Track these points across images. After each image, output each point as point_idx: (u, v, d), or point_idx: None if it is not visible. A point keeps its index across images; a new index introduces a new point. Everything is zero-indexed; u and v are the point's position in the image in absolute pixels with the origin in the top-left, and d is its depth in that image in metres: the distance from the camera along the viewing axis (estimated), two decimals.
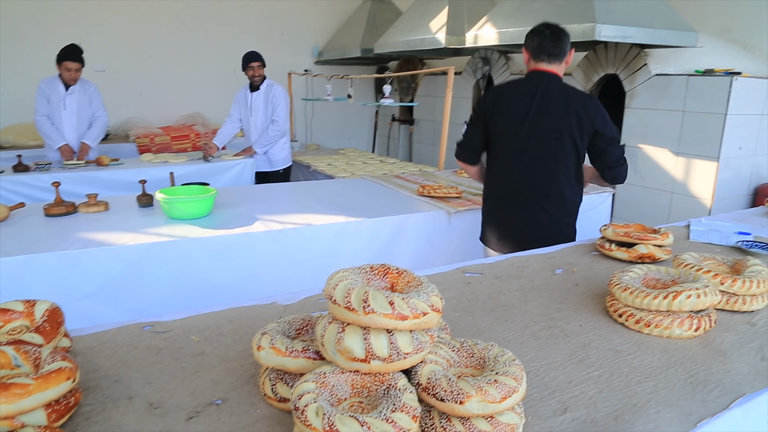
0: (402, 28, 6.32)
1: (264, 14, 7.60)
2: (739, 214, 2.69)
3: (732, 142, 4.34)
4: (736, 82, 4.17)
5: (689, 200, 4.56)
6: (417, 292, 0.90)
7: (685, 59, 4.76)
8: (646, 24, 4.21)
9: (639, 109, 4.84)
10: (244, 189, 3.67)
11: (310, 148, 6.63)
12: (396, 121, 8.29)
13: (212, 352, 1.19)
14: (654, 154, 4.77)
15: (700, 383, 1.10)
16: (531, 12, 4.58)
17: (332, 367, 0.89)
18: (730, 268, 1.62)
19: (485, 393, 0.83)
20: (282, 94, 4.80)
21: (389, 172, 4.54)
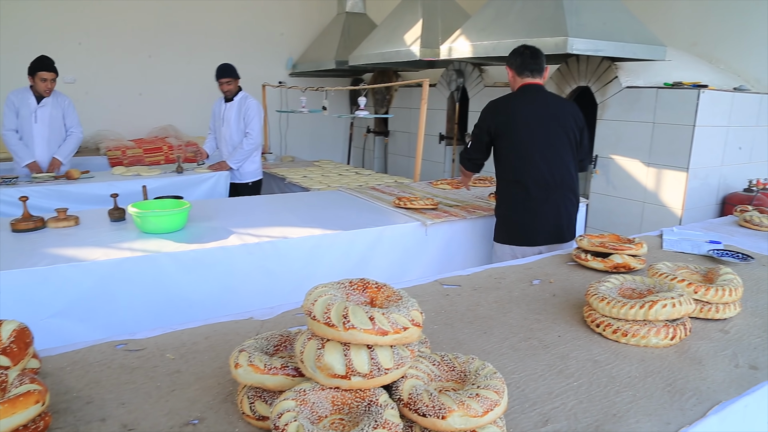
0: (376, 40, 6.35)
1: (238, 26, 7.57)
2: (709, 224, 2.74)
3: (700, 152, 4.44)
4: (703, 94, 4.27)
5: (660, 210, 4.64)
6: (397, 307, 0.90)
7: (654, 72, 4.86)
8: (617, 38, 4.29)
9: (610, 120, 4.92)
10: (218, 202, 3.63)
11: (285, 160, 6.59)
12: (371, 133, 8.30)
13: (188, 370, 1.17)
14: (626, 165, 4.85)
15: (678, 391, 1.11)
16: (504, 25, 4.64)
17: (312, 384, 0.88)
18: (703, 277, 1.64)
19: (467, 407, 0.83)
20: (255, 107, 4.77)
21: (365, 184, 4.54)
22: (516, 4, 4.66)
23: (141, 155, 6.11)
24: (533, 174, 2.77)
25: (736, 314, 1.51)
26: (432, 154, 6.92)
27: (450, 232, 3.08)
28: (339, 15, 7.75)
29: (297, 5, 8.05)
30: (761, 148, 5.11)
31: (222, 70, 4.74)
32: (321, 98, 5.59)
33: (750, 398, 1.12)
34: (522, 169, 2.79)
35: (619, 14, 4.57)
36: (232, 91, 4.77)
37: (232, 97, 4.79)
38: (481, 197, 3.73)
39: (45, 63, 4.36)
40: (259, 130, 4.76)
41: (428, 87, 4.55)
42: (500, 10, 4.80)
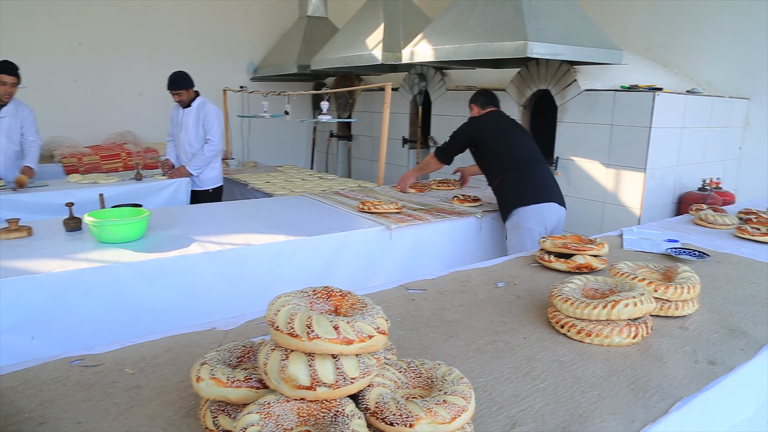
0: (338, 44, 6.33)
1: (197, 30, 7.46)
2: (666, 222, 2.81)
3: (657, 153, 4.55)
4: (658, 97, 4.39)
5: (620, 210, 4.73)
6: (362, 315, 0.88)
7: (611, 75, 4.97)
8: (575, 42, 4.37)
9: (570, 123, 5.01)
10: (179, 210, 3.56)
11: (248, 166, 6.51)
12: (334, 137, 8.27)
13: (148, 384, 1.13)
14: (586, 166, 4.94)
15: (641, 389, 1.13)
16: (465, 29, 4.68)
17: (277, 396, 0.86)
18: (662, 276, 1.67)
19: (435, 414, 0.82)
20: (214, 113, 4.67)
21: (328, 189, 4.51)
22: (476, 9, 4.70)
23: (98, 162, 5.95)
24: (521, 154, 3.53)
25: (695, 311, 1.54)
26: (395, 158, 6.94)
27: (415, 236, 3.08)
28: (300, 19, 7.71)
29: (258, 9, 7.98)
30: (714, 149, 5.27)
31: (171, 81, 4.61)
32: (283, 103, 5.55)
33: (709, 393, 1.14)
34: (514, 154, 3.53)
35: (577, 19, 4.66)
36: (185, 101, 4.66)
37: (188, 103, 4.71)
38: (445, 200, 3.75)
39: (6, 67, 4.22)
40: (219, 136, 4.68)
41: (391, 91, 4.55)
42: (461, 15, 4.84)
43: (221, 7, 7.61)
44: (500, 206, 3.52)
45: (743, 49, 5.42)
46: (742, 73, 5.46)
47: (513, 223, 3.37)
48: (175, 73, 4.65)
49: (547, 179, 3.56)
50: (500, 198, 3.52)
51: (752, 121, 5.48)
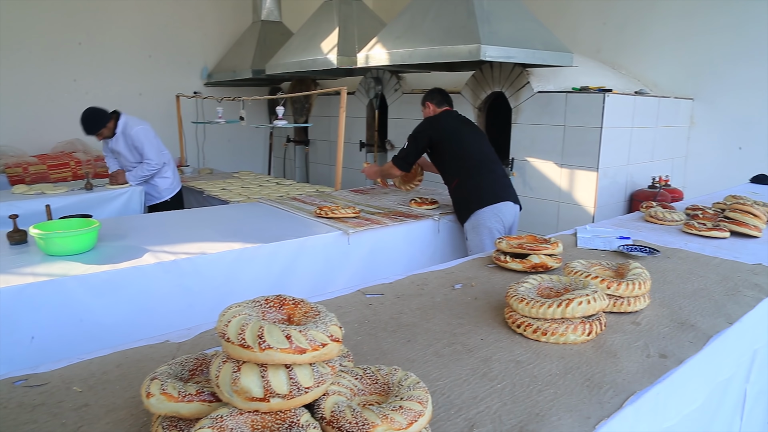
0: (293, 48, 6.29)
1: (149, 34, 7.29)
2: (618, 220, 2.87)
3: (608, 153, 4.66)
4: (608, 98, 4.50)
5: (575, 208, 4.83)
6: (315, 323, 0.87)
7: (563, 77, 5.08)
8: (527, 45, 4.45)
9: (524, 124, 5.09)
10: (131, 219, 3.46)
11: (203, 173, 6.40)
12: (291, 142, 8.21)
13: (97, 402, 1.09)
14: (540, 167, 5.03)
15: (596, 385, 1.15)
16: (419, 33, 4.71)
17: (230, 410, 0.83)
18: (614, 272, 1.71)
19: (391, 420, 0.81)
20: (141, 134, 4.44)
21: (286, 195, 4.47)
22: (430, 13, 4.74)
23: (45, 172, 5.76)
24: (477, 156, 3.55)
25: (646, 306, 1.57)
26: (353, 162, 6.93)
27: (373, 240, 3.07)
28: (254, 23, 7.64)
29: (210, 13, 7.86)
30: (662, 148, 5.43)
31: (85, 127, 4.35)
32: (238, 108, 5.48)
33: (661, 386, 1.17)
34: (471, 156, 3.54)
35: (529, 23, 4.74)
36: (109, 135, 4.46)
37: (112, 134, 4.49)
38: (403, 203, 3.75)
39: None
40: (155, 154, 4.52)
41: (346, 95, 4.54)
42: (415, 19, 4.87)
43: (173, 11, 7.47)
44: (457, 208, 3.53)
45: (687, 52, 5.61)
46: (686, 74, 5.66)
47: (472, 224, 3.41)
48: (84, 116, 4.37)
49: (502, 179, 3.61)
50: (458, 200, 3.54)
51: (697, 120, 5.68)
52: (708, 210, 2.85)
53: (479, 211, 3.38)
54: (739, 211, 2.56)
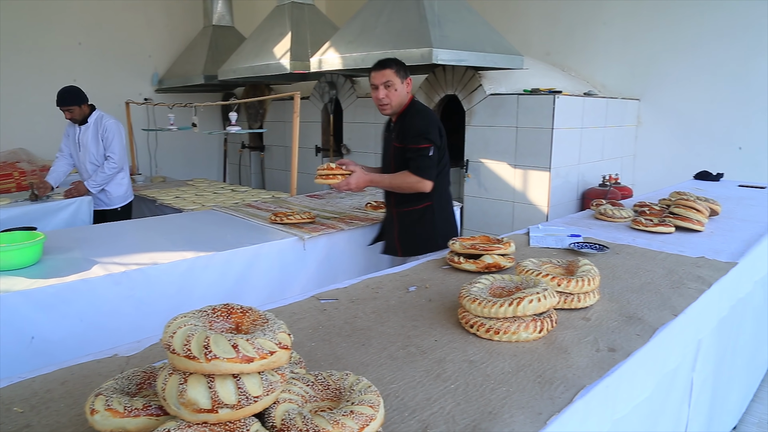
0: (246, 53, 6.22)
1: (97, 40, 7.10)
2: (570, 218, 2.93)
3: (560, 153, 4.77)
4: (558, 99, 4.60)
5: (529, 208, 4.92)
6: (263, 331, 0.86)
7: (514, 80, 5.17)
8: (479, 48, 4.51)
9: (478, 126, 5.16)
10: (79, 231, 3.35)
11: (156, 181, 6.26)
12: (246, 148, 8.12)
13: (40, 422, 1.05)
14: (495, 168, 5.10)
15: (547, 382, 1.17)
16: (372, 37, 4.73)
17: (178, 422, 0.82)
18: (565, 270, 1.74)
19: (342, 426, 0.81)
20: (114, 127, 4.41)
21: (241, 201, 4.41)
22: (382, 17, 4.76)
23: None
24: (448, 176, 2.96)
25: (596, 302, 1.61)
26: (309, 167, 6.89)
27: (329, 245, 3.06)
28: (206, 28, 7.52)
29: (160, 18, 7.71)
30: (611, 147, 5.59)
31: (60, 97, 4.29)
32: (190, 115, 5.38)
33: (610, 379, 1.20)
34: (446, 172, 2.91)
35: (479, 27, 4.81)
36: (78, 118, 4.37)
37: (84, 120, 4.44)
38: (359, 208, 3.75)
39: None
40: (120, 152, 4.43)
41: (300, 100, 4.52)
42: (367, 23, 4.89)
43: (121, 16, 7.29)
44: (407, 237, 2.86)
45: (632, 54, 5.79)
46: (632, 76, 5.83)
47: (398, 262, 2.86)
48: (65, 88, 4.34)
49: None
50: (417, 230, 2.83)
51: (643, 120, 5.86)
52: (654, 206, 2.94)
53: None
54: (684, 207, 2.65)
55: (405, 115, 2.79)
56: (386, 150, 2.95)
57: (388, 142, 2.91)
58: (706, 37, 5.28)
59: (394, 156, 2.81)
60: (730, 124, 5.24)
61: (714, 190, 3.70)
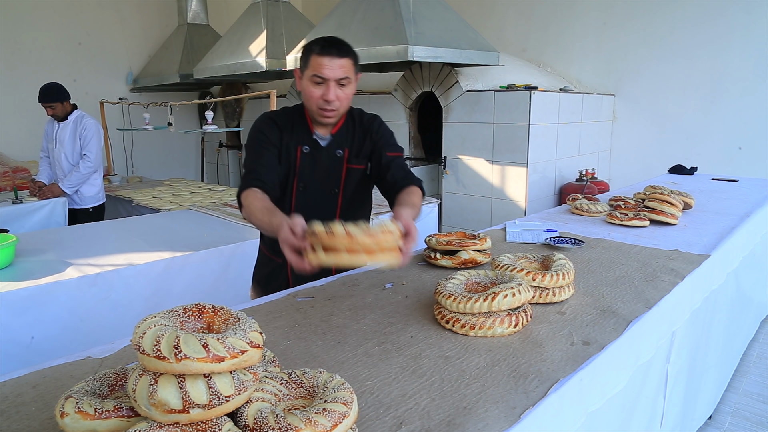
0: (221, 52, 6.17)
1: (70, 38, 6.98)
2: (546, 213, 2.96)
3: (537, 148, 4.80)
4: (535, 95, 4.63)
5: (507, 203, 4.95)
6: (234, 330, 0.85)
7: (491, 76, 5.19)
8: (454, 45, 4.52)
9: (455, 123, 5.17)
10: (53, 233, 3.30)
11: (132, 181, 6.18)
12: (224, 147, 8.05)
13: (10, 427, 1.02)
14: (472, 164, 5.12)
15: (522, 376, 1.17)
16: (347, 35, 4.71)
17: (149, 423, 0.81)
18: (540, 265, 1.76)
19: (315, 424, 0.80)
20: (93, 127, 4.40)
21: (218, 201, 4.38)
22: (357, 14, 4.75)
23: None
24: None
25: (571, 296, 1.62)
26: None
27: None
28: (180, 26, 7.45)
29: (134, 16, 7.60)
30: (587, 142, 5.64)
31: (43, 93, 4.29)
32: (166, 114, 5.32)
33: (584, 372, 1.21)
34: None
35: (455, 24, 4.83)
36: (59, 115, 4.35)
37: (65, 117, 4.40)
38: None
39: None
40: (97, 152, 4.39)
41: (276, 98, 4.49)
42: (343, 20, 4.87)
43: (94, 14, 7.18)
44: None
45: (607, 50, 5.85)
46: (607, 71, 5.90)
47: None
48: (48, 84, 4.33)
49: None
50: None
51: (619, 116, 5.93)
52: (629, 200, 2.98)
53: None
54: (657, 201, 2.69)
55: (354, 124, 2.05)
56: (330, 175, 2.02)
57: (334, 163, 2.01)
58: (678, 31, 5.36)
59: (347, 180, 2.03)
60: (703, 117, 5.33)
61: (688, 184, 3.76)
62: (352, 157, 2.01)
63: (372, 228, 1.28)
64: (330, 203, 2.02)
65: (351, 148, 2.01)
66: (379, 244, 1.25)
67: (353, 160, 2.01)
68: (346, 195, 2.03)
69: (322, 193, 2.01)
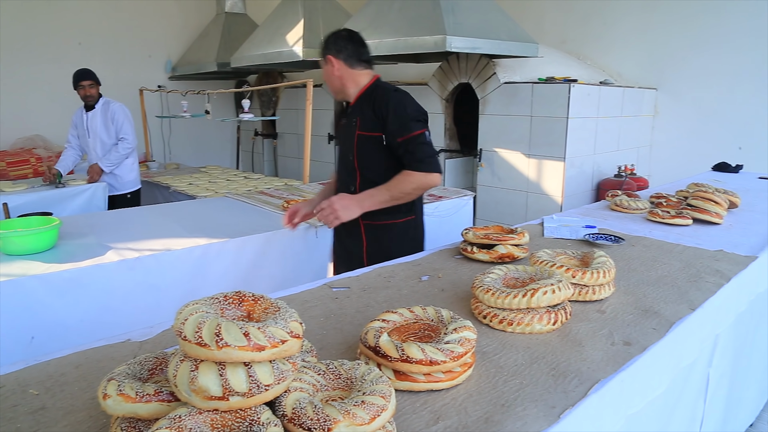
0: (258, 41, 6.21)
1: (111, 28, 7.11)
2: (585, 209, 2.90)
3: (575, 142, 4.71)
4: (574, 88, 4.54)
5: (543, 198, 4.88)
6: (274, 319, 0.85)
7: (529, 68, 5.11)
8: (493, 36, 4.46)
9: (492, 115, 5.11)
10: (94, 216, 3.38)
11: (169, 168, 6.28)
12: (259, 136, 8.12)
13: (55, 405, 1.05)
14: (508, 157, 5.06)
15: (561, 375, 1.15)
16: (385, 24, 4.69)
17: (188, 409, 0.81)
18: (579, 261, 1.72)
19: (353, 416, 0.80)
20: (121, 110, 4.51)
21: (253, 189, 4.42)
22: (395, 4, 4.72)
23: (4, 169, 5.59)
24: None
25: (611, 294, 1.59)
26: (322, 155, 6.88)
27: None
28: (218, 15, 7.52)
29: (174, 6, 7.70)
30: (627, 137, 5.52)
31: (81, 73, 4.43)
32: (204, 102, 5.38)
33: (625, 374, 1.18)
34: None
35: (494, 14, 4.76)
36: (94, 96, 4.47)
37: (93, 104, 4.49)
38: None
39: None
40: (132, 132, 4.53)
41: (313, 87, 4.50)
42: (380, 10, 4.84)
43: (136, 5, 7.30)
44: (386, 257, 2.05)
45: (650, 42, 5.70)
46: (650, 64, 5.75)
47: None
48: (82, 68, 4.48)
49: None
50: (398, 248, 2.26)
51: (660, 110, 5.78)
52: (671, 198, 2.90)
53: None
54: (702, 199, 2.61)
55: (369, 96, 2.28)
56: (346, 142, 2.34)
57: (349, 130, 2.32)
58: (728, 25, 5.18)
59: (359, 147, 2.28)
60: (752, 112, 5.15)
61: (733, 182, 3.64)
62: (362, 126, 2.25)
63: None
64: (351, 168, 2.31)
65: (362, 117, 2.26)
66: None
67: (363, 128, 2.25)
68: (361, 161, 2.27)
69: (345, 158, 2.35)
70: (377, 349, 1.06)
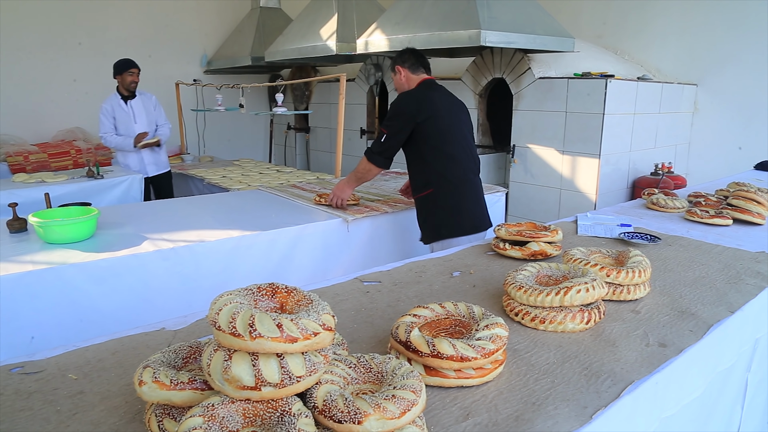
0: (292, 35, 6.24)
1: (147, 21, 7.25)
2: (620, 207, 2.85)
3: (610, 139, 4.63)
4: (611, 84, 4.46)
5: (576, 195, 4.81)
6: (307, 312, 0.86)
7: (564, 63, 5.03)
8: (528, 30, 4.40)
9: (526, 110, 5.05)
10: (130, 207, 3.45)
11: (204, 161, 6.38)
12: (292, 130, 8.18)
13: (92, 390, 1.08)
14: (542, 153, 5.00)
15: (593, 374, 1.13)
16: (419, 18, 4.67)
17: (221, 398, 0.83)
18: (614, 260, 1.69)
19: (383, 410, 0.80)
20: (155, 98, 4.96)
21: (286, 182, 4.46)
22: None
23: (46, 160, 5.74)
24: (464, 161, 2.88)
25: (646, 294, 1.56)
26: (354, 149, 6.90)
27: (372, 228, 3.06)
28: (253, 10, 7.58)
29: (209, 1, 7.81)
30: (665, 134, 5.39)
31: (128, 61, 4.68)
32: (238, 96, 5.44)
33: (660, 375, 1.15)
34: (458, 157, 2.85)
35: (529, 8, 4.70)
36: (134, 83, 4.74)
37: (134, 92, 4.75)
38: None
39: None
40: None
41: (345, 82, 4.51)
42: (414, 4, 4.83)
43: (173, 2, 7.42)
44: (422, 222, 2.93)
45: (691, 37, 5.55)
46: (690, 60, 5.60)
47: (439, 248, 2.78)
48: (125, 58, 4.75)
49: (482, 197, 3.00)
50: (426, 216, 2.91)
51: (700, 107, 5.64)
52: (711, 197, 2.83)
53: (450, 240, 2.79)
54: (743, 199, 2.53)
55: None
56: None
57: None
58: None
59: None
60: None
61: None
62: None
63: None
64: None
65: None
66: None
67: None
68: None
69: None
70: (408, 344, 1.07)
